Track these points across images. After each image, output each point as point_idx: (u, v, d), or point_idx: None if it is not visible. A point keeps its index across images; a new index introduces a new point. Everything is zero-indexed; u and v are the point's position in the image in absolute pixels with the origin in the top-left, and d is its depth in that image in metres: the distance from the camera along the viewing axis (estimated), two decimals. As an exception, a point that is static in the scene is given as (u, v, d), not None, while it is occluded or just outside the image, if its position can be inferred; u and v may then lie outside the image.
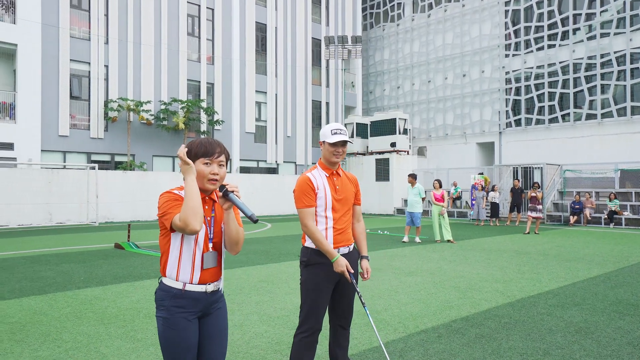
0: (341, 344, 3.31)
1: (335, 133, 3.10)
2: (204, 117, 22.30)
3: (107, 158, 20.07)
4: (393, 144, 25.29)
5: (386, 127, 25.83)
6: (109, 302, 5.81)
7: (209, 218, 2.34)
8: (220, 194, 2.31)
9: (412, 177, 12.43)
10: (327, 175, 3.17)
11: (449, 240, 12.16)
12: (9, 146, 17.35)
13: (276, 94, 26.09)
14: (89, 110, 19.57)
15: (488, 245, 11.67)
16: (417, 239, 12.30)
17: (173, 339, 2.26)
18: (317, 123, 28.41)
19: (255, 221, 2.21)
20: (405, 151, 25.65)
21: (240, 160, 24.45)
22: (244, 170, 24.46)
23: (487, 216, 18.65)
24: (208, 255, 2.34)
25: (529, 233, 14.61)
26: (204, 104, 22.26)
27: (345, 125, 27.45)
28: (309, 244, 3.12)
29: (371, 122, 26.72)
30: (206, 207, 2.33)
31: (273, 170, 26.10)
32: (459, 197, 22.48)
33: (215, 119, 22.46)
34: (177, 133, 21.71)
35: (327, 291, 3.11)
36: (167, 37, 21.71)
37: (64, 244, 11.54)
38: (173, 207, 2.22)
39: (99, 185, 17.42)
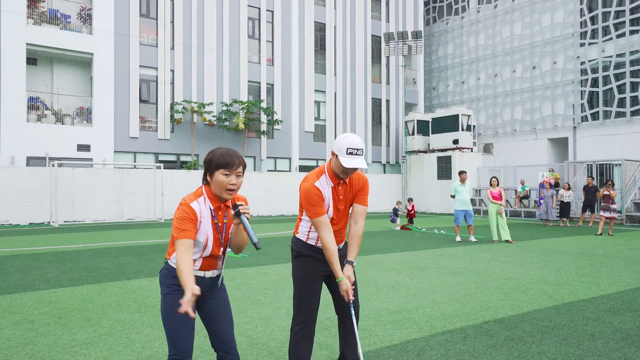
0: (348, 341, 3.24)
1: (351, 154, 2.82)
2: (263, 117, 22.82)
3: (173, 158, 21.13)
4: (455, 141, 24.45)
5: (448, 124, 25.03)
6: (151, 292, 6.09)
7: (220, 224, 2.51)
8: (233, 212, 2.44)
9: (464, 174, 11.96)
10: (333, 186, 2.98)
11: (507, 241, 11.54)
12: (86, 148, 18.78)
13: (335, 92, 26.14)
14: (156, 113, 20.71)
15: (550, 246, 10.93)
16: (472, 238, 11.79)
17: (172, 315, 2.44)
18: (377, 121, 28.11)
19: (258, 249, 2.34)
20: (468, 148, 24.71)
21: (300, 159, 24.74)
22: (303, 169, 24.73)
23: (556, 216, 17.48)
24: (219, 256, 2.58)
25: (601, 234, 13.51)
26: (263, 105, 22.78)
27: (406, 122, 26.94)
28: (300, 235, 3.06)
29: (432, 118, 26.01)
30: (220, 213, 2.50)
31: (333, 169, 26.13)
32: (526, 196, 21.28)
33: (274, 119, 22.91)
34: (238, 133, 22.39)
35: (317, 282, 3.04)
36: (228, 41, 22.46)
37: (127, 239, 12.29)
38: (182, 231, 2.36)
39: (165, 183, 18.38)
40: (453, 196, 12.16)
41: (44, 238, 12.42)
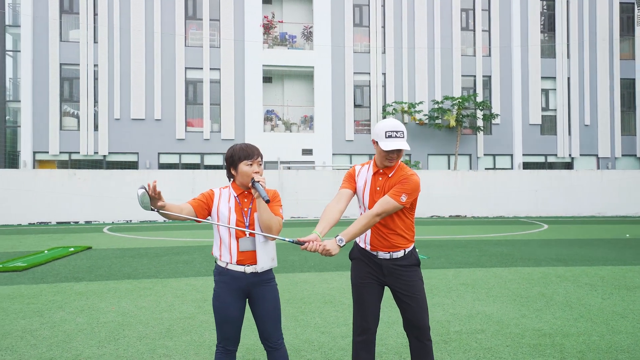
0: (418, 354, 2.87)
1: (390, 137, 2.75)
2: (479, 112, 21.42)
3: (385, 158, 21.74)
4: None
5: None
6: (310, 286, 6.40)
7: (246, 209, 2.72)
8: (250, 184, 2.66)
9: None
10: (373, 174, 2.91)
11: None
12: (309, 152, 20.99)
13: (568, 77, 22.66)
14: (369, 115, 21.68)
15: None
16: None
17: (217, 308, 2.71)
18: (628, 106, 23.20)
19: (267, 202, 2.53)
20: None
21: (524, 155, 22.31)
22: (527, 166, 22.22)
23: None
24: (244, 240, 2.70)
25: None
26: (478, 99, 21.38)
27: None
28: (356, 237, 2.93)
29: None
30: (245, 200, 2.73)
31: (567, 165, 22.76)
32: None
33: (490, 113, 21.27)
34: (450, 131, 21.59)
35: (370, 287, 2.89)
36: (440, 37, 21.90)
37: (329, 235, 13.19)
38: (193, 199, 2.74)
39: (375, 183, 19.07)
40: None
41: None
